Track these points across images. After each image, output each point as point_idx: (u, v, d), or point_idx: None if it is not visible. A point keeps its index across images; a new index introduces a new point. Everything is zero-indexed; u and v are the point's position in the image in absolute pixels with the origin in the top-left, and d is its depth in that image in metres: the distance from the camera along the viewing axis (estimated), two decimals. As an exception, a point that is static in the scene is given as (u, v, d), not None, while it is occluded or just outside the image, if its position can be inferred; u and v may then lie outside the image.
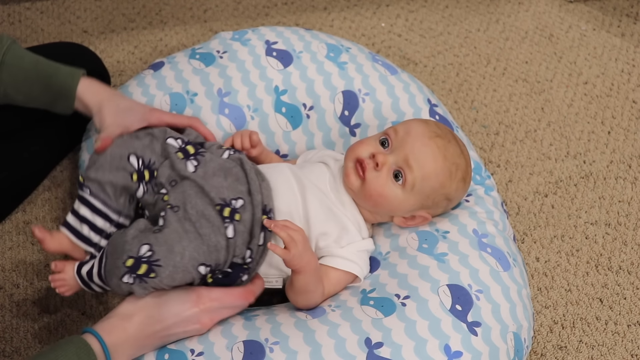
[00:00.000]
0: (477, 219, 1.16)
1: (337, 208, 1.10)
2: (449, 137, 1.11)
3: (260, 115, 1.29)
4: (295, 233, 0.99)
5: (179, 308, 0.99)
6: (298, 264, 1.00)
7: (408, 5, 1.82)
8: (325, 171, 1.14)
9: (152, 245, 0.99)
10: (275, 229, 0.98)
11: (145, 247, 0.99)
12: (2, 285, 1.22)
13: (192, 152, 1.10)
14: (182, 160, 1.09)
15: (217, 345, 1.00)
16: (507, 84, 1.65)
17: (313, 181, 1.12)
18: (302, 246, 0.99)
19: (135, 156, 1.10)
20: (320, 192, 1.11)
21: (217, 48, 1.34)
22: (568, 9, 1.84)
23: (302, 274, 1.02)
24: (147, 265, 0.98)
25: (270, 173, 1.12)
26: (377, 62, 1.34)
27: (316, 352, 0.98)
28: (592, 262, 1.33)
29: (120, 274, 0.99)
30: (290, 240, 0.98)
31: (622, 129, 1.57)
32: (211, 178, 1.06)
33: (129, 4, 1.75)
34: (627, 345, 1.22)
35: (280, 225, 0.99)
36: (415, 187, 1.08)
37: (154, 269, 0.98)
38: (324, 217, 1.09)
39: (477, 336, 1.01)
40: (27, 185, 1.33)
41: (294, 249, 0.98)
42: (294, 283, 1.03)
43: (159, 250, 0.98)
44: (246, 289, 1.05)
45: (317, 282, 1.05)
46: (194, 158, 1.09)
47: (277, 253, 0.99)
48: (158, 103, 1.27)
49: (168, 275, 0.98)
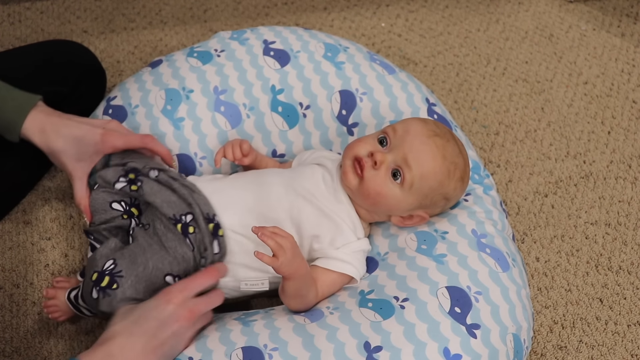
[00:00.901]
0: (475, 219, 1.16)
1: (330, 210, 1.10)
2: (447, 136, 1.11)
3: (256, 114, 1.29)
4: (283, 240, 0.98)
5: (154, 312, 0.97)
6: (287, 270, 1.00)
7: (408, 5, 1.81)
8: (319, 173, 1.14)
9: (116, 259, 1.03)
10: (262, 238, 0.97)
11: (110, 261, 1.03)
12: (2, 285, 1.22)
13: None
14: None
15: (216, 353, 0.99)
16: (507, 84, 1.64)
17: (304, 185, 1.11)
18: (290, 253, 0.98)
19: (117, 202, 1.13)
20: (311, 195, 1.10)
21: (215, 47, 1.34)
22: (568, 9, 1.83)
23: (292, 280, 1.01)
24: (109, 277, 1.02)
25: (259, 180, 1.13)
26: (374, 62, 1.34)
27: (316, 358, 0.97)
28: (592, 262, 1.33)
29: (89, 290, 1.02)
30: (278, 248, 0.98)
31: (622, 129, 1.56)
32: (160, 197, 1.09)
33: (129, 4, 1.75)
34: (627, 345, 1.22)
35: (267, 233, 0.98)
36: (413, 186, 1.07)
37: (116, 279, 1.01)
38: (315, 220, 1.09)
39: (476, 339, 1.00)
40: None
41: (282, 257, 0.98)
42: (285, 289, 1.03)
43: (121, 262, 1.03)
44: (209, 268, 1.06)
45: (308, 286, 1.04)
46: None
47: (265, 261, 0.98)
48: (153, 98, 1.27)
49: (130, 285, 1.01)
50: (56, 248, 1.28)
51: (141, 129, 1.25)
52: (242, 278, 1.10)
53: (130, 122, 1.26)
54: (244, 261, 1.09)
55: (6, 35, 1.64)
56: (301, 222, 1.09)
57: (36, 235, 1.30)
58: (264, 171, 1.17)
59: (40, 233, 1.30)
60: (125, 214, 1.13)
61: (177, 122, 1.25)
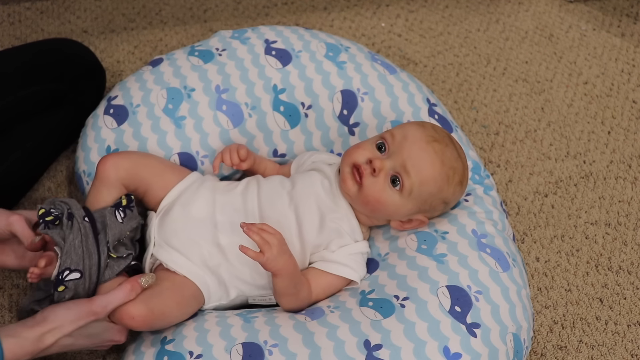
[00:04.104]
0: (476, 219, 1.16)
1: (330, 218, 1.10)
2: (446, 140, 1.11)
3: (258, 113, 1.29)
4: (270, 236, 1.00)
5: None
6: (274, 267, 1.01)
7: (408, 5, 1.81)
8: (317, 180, 1.14)
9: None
10: (248, 233, 0.99)
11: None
12: (2, 286, 1.22)
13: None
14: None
15: (216, 347, 1.00)
16: (507, 84, 1.64)
17: (305, 194, 1.12)
18: (277, 250, 1.00)
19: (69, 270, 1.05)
20: (313, 204, 1.11)
21: (217, 46, 1.34)
22: (568, 9, 1.83)
23: (280, 277, 1.03)
24: None
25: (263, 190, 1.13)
26: (376, 62, 1.34)
27: (315, 355, 0.98)
28: (592, 262, 1.33)
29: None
30: (263, 244, 0.99)
31: (622, 129, 1.57)
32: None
33: (129, 4, 1.75)
34: (627, 345, 1.22)
35: (254, 229, 0.99)
36: (413, 193, 1.07)
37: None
38: (316, 231, 1.09)
39: (476, 338, 1.01)
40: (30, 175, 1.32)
41: (268, 252, 0.99)
42: (274, 286, 1.05)
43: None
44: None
45: (298, 284, 1.05)
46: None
47: (249, 256, 0.99)
48: (155, 97, 1.27)
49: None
50: (56, 247, 1.28)
51: (142, 128, 1.25)
52: (250, 295, 1.12)
53: (131, 121, 1.26)
54: (252, 282, 1.10)
55: (6, 35, 1.64)
56: (303, 233, 1.09)
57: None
58: (267, 184, 1.16)
59: (41, 233, 1.30)
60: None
61: (179, 121, 1.26)
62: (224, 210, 1.11)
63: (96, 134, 1.27)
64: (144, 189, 1.16)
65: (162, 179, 1.16)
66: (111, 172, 1.13)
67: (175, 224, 1.11)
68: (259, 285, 1.10)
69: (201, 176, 1.20)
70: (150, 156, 1.20)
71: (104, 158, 1.14)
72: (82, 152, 1.27)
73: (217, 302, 1.11)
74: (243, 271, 1.09)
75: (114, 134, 1.26)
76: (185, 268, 1.08)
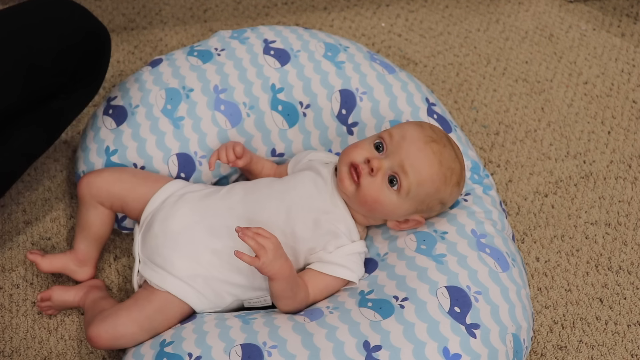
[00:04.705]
0: (475, 219, 1.16)
1: (325, 219, 1.10)
2: (444, 141, 1.11)
3: (256, 113, 1.29)
4: (265, 241, 0.99)
5: None
6: (270, 271, 1.00)
7: (408, 5, 1.81)
8: (309, 180, 1.13)
9: None
10: (243, 238, 0.98)
11: None
12: (2, 286, 1.22)
13: None
14: None
15: (215, 349, 0.99)
16: (507, 84, 1.64)
17: (299, 195, 1.11)
18: (272, 254, 0.99)
19: None
20: (307, 206, 1.10)
21: (215, 45, 1.34)
22: (568, 9, 1.83)
23: (276, 281, 1.02)
24: None
25: (256, 192, 1.13)
26: (375, 62, 1.34)
27: (315, 356, 0.97)
28: (592, 262, 1.33)
29: None
30: (259, 248, 0.99)
31: (622, 129, 1.56)
32: None
33: (129, 4, 1.75)
34: (627, 345, 1.22)
35: (249, 234, 0.99)
36: (410, 193, 1.07)
37: None
38: (311, 233, 1.09)
39: (476, 338, 1.00)
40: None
41: (263, 257, 0.99)
42: (271, 289, 1.05)
43: None
44: None
45: (294, 288, 1.05)
46: None
47: (245, 260, 0.99)
48: (154, 98, 1.27)
49: None
50: (56, 248, 1.28)
51: (141, 128, 1.25)
52: (245, 298, 1.12)
53: (130, 122, 1.26)
54: (247, 282, 1.10)
55: (6, 35, 1.64)
56: (297, 235, 1.09)
57: (36, 235, 1.30)
58: (255, 186, 1.16)
59: (40, 233, 1.30)
60: None
61: (177, 121, 1.25)
62: (207, 217, 1.11)
63: (95, 134, 1.27)
64: (119, 205, 1.18)
65: (136, 193, 1.17)
66: (85, 192, 1.17)
67: (156, 239, 1.12)
68: (255, 286, 1.10)
69: (184, 184, 1.20)
70: (124, 171, 1.20)
71: (81, 178, 1.18)
72: (81, 153, 1.28)
73: (212, 311, 1.11)
74: (233, 276, 1.09)
75: (113, 134, 1.26)
76: (169, 284, 1.08)
